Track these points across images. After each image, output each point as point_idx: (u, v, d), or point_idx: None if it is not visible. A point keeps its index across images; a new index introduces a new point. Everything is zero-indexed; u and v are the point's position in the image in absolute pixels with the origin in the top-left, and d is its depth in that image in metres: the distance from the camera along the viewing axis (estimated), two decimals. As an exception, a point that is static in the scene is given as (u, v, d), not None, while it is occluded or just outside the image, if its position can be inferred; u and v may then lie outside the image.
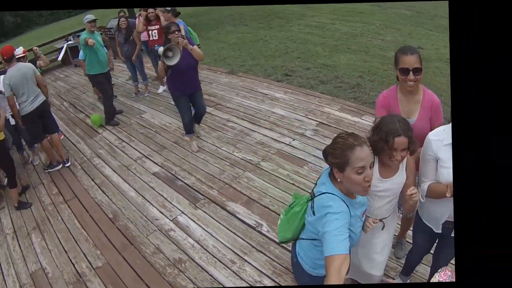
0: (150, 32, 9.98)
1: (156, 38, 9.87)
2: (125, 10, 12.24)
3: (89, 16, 8.77)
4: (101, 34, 10.72)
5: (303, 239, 3.08)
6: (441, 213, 3.43)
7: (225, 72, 11.62)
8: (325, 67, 11.28)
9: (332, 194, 2.73)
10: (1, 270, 5.75)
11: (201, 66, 11.81)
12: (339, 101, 9.02)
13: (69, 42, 15.82)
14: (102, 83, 9.35)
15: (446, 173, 3.19)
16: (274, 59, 12.29)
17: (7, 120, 7.71)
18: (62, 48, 15.54)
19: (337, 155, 2.65)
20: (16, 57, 7.55)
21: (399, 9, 21.97)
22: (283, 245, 5.06)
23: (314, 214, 2.80)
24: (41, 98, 7.66)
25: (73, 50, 15.32)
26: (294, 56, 12.52)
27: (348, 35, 14.97)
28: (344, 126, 7.66)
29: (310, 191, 2.99)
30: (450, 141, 3.08)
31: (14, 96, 7.30)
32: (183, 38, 6.68)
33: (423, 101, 3.77)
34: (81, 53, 10.24)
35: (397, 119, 3.17)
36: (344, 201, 2.72)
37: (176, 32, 6.60)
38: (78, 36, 13.67)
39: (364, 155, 2.60)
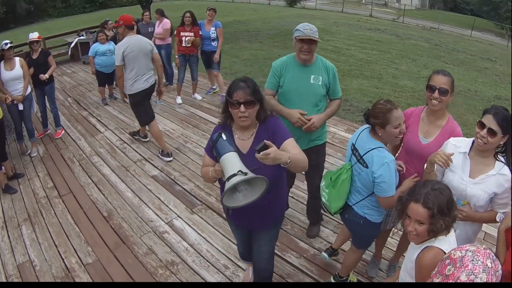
0: (183, 38, 9.77)
1: (189, 45, 9.77)
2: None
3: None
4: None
5: (360, 201, 3.90)
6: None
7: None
8: (336, 89, 11.22)
9: (381, 147, 3.61)
10: None
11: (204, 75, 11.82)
12: (346, 122, 8.99)
13: (81, 38, 15.77)
14: None
15: (453, 177, 3.35)
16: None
17: (14, 105, 7.68)
18: (72, 42, 15.47)
19: (379, 116, 3.53)
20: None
21: (417, 40, 22.12)
22: (277, 253, 5.03)
23: (367, 167, 3.66)
24: (154, 79, 7.55)
25: (83, 46, 15.28)
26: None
27: (363, 62, 15.00)
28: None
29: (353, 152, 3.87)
30: (466, 150, 3.36)
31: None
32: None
33: (445, 127, 3.75)
34: (91, 49, 10.24)
35: (430, 185, 2.64)
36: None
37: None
38: (91, 32, 13.65)
39: (399, 115, 3.51)
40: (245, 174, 2.74)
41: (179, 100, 10.59)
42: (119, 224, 5.95)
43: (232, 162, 2.90)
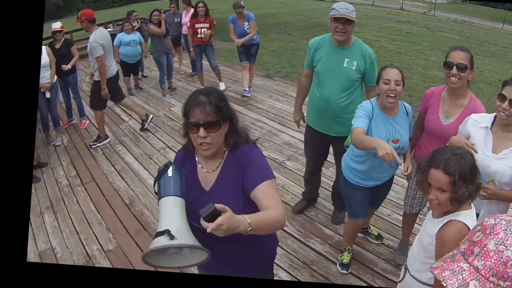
0: (198, 29, 9.69)
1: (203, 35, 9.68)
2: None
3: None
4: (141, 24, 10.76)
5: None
6: None
7: (261, 75, 11.44)
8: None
9: (369, 101, 3.68)
10: None
11: (234, 67, 11.71)
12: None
13: (108, 30, 15.81)
14: None
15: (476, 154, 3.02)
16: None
17: (41, 93, 7.70)
18: None
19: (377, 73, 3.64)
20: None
21: (448, 33, 21.83)
22: (301, 239, 4.97)
23: None
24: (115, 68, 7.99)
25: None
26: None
27: (392, 53, 14.82)
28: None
29: None
30: (487, 125, 3.15)
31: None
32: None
33: (467, 106, 3.57)
34: (116, 39, 10.21)
35: (451, 150, 2.47)
36: (372, 105, 3.61)
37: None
38: (118, 24, 13.62)
39: (391, 73, 3.46)
40: (172, 237, 2.02)
41: (222, 86, 10.48)
42: (141, 211, 5.87)
43: (167, 212, 2.20)
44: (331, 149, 5.01)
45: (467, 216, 2.41)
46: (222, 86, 10.35)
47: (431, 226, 2.53)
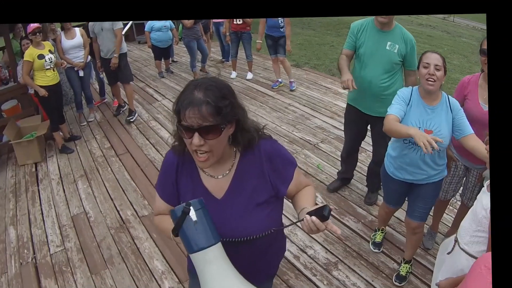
0: None
1: (240, 22, 9.68)
2: None
3: None
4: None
5: None
6: None
7: (290, 64, 11.41)
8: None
9: (410, 88, 3.61)
10: (42, 211, 5.75)
11: (263, 55, 11.73)
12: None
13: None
14: None
15: None
16: (339, 62, 12.13)
17: (75, 72, 7.82)
18: (128, 23, 15.60)
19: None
20: None
21: (468, 39, 21.72)
22: (335, 216, 5.05)
23: None
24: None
25: (138, 27, 15.40)
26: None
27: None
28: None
29: None
30: None
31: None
32: None
33: None
34: (147, 25, 10.35)
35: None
36: (412, 92, 3.55)
37: None
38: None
39: (431, 57, 3.37)
40: None
41: (233, 75, 10.58)
42: (176, 180, 5.90)
43: (214, 274, 1.73)
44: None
45: None
46: (249, 76, 10.44)
47: (487, 199, 2.52)
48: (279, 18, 8.84)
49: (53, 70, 6.87)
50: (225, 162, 2.07)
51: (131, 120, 8.22)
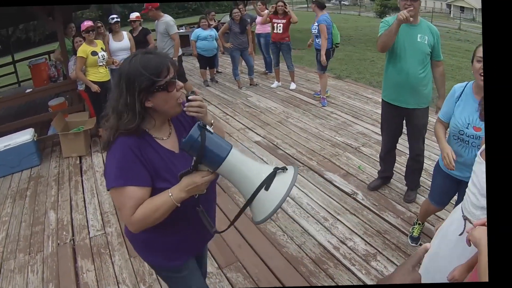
0: (275, 24, 9.99)
1: (281, 31, 9.95)
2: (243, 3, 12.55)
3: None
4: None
5: None
6: None
7: (332, 76, 11.63)
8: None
9: (464, 83, 3.61)
10: (84, 198, 6.11)
11: (305, 68, 12.01)
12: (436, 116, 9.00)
13: (180, 31, 16.28)
14: None
15: None
16: (380, 76, 12.19)
17: None
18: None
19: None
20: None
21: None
22: (375, 211, 5.20)
23: None
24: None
25: (182, 39, 15.70)
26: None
27: (454, 67, 14.83)
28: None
29: None
30: None
31: None
32: None
33: None
34: (193, 34, 10.75)
35: None
36: (465, 88, 3.56)
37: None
38: (191, 27, 14.07)
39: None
40: (284, 168, 2.00)
41: (274, 84, 10.92)
42: (221, 178, 6.12)
43: (247, 163, 2.02)
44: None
45: None
46: (292, 86, 10.70)
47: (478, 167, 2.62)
48: (314, 26, 9.01)
49: (105, 67, 7.28)
50: (165, 123, 2.34)
51: None
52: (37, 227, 5.45)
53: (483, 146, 2.71)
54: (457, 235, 2.73)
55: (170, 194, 2.06)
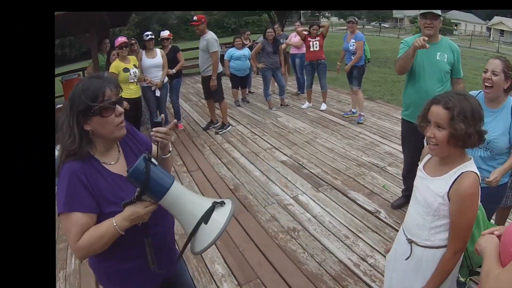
0: (310, 43, 9.97)
1: (317, 49, 9.97)
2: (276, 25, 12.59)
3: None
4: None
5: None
6: None
7: (363, 97, 11.50)
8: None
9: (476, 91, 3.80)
10: None
11: (338, 89, 11.93)
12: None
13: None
14: None
15: None
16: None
17: (152, 92, 8.24)
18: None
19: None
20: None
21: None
22: (397, 231, 4.98)
23: None
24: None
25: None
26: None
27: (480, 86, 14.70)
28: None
29: None
30: None
31: None
32: None
33: None
34: (227, 53, 10.74)
35: (455, 92, 2.43)
36: (477, 96, 3.65)
37: None
38: (226, 47, 14.14)
39: (490, 62, 3.57)
40: (222, 203, 2.10)
41: (305, 105, 10.84)
42: (245, 195, 6.13)
43: (188, 197, 2.10)
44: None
45: (473, 165, 2.32)
46: (323, 107, 10.59)
47: (436, 185, 2.38)
48: (351, 42, 8.94)
49: (136, 84, 7.29)
50: (113, 147, 2.35)
51: (221, 132, 8.95)
52: (61, 245, 5.40)
53: (426, 158, 2.67)
54: (404, 260, 2.61)
55: (114, 223, 2.09)
